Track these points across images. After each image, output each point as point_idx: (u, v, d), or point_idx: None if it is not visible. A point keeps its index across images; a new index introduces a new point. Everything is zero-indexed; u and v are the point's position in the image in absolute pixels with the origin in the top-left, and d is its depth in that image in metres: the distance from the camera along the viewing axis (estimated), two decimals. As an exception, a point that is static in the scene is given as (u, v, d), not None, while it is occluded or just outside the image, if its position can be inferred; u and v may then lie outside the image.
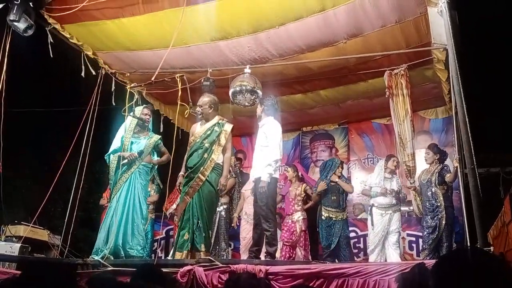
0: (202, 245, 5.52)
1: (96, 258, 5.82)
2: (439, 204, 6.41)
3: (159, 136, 6.49)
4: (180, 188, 5.74)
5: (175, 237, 5.86)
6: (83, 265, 5.86)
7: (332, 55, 6.57)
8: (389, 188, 6.77)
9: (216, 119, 5.87)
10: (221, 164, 5.76)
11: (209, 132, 5.79)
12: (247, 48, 6.55)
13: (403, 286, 2.48)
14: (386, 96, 6.66)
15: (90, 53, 6.86)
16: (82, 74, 6.68)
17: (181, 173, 5.81)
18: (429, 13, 5.51)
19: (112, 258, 5.83)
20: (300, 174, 7.93)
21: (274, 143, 5.67)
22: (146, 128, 6.48)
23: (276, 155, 5.62)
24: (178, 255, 5.56)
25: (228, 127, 5.86)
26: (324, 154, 9.67)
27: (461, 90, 4.99)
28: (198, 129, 5.90)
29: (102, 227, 6.18)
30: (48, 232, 7.21)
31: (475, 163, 4.84)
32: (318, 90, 8.06)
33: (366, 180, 7.25)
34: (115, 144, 6.35)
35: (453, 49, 5.12)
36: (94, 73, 6.82)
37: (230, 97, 6.69)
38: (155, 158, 6.45)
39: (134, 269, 5.29)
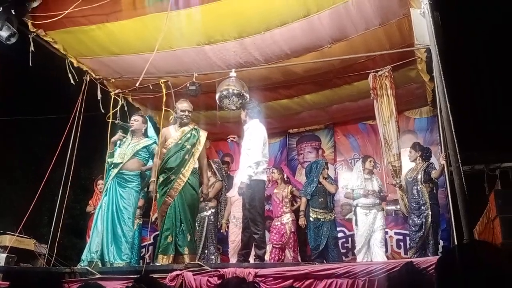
0: (186, 248, 5.58)
1: (83, 266, 5.79)
2: (424, 202, 6.51)
3: (152, 141, 6.45)
4: (154, 193, 5.76)
5: (158, 240, 5.87)
6: (71, 274, 5.83)
7: (317, 59, 6.61)
8: (370, 189, 6.86)
9: (191, 124, 6.09)
10: (197, 168, 5.92)
11: (189, 135, 5.96)
12: (233, 53, 6.55)
13: (392, 285, 2.51)
14: (371, 97, 6.72)
15: (74, 60, 6.81)
16: (71, 81, 6.63)
17: (153, 179, 5.83)
18: (412, 15, 5.57)
19: (100, 266, 5.80)
20: (285, 176, 7.97)
21: (256, 145, 5.70)
22: (139, 134, 6.46)
23: (257, 157, 5.64)
24: (163, 259, 5.57)
25: (204, 134, 6.13)
26: (311, 155, 9.69)
27: (445, 89, 5.05)
28: (173, 133, 6.00)
29: (90, 234, 6.17)
30: (34, 241, 7.12)
31: (460, 161, 4.90)
32: (304, 94, 8.09)
33: (347, 184, 7.32)
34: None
35: (436, 49, 5.18)
36: (77, 80, 6.76)
37: (217, 101, 6.70)
38: (150, 163, 6.41)
39: (121, 276, 5.32)
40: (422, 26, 5.41)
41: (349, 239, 8.12)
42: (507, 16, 9.06)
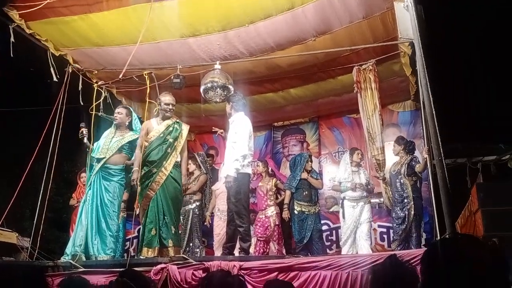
0: (170, 241, 5.60)
1: (67, 259, 5.75)
2: (407, 195, 6.57)
3: (137, 135, 6.34)
4: (137, 183, 5.72)
5: (141, 233, 5.86)
6: (54, 267, 5.79)
7: (302, 53, 6.62)
8: (358, 182, 6.89)
9: (173, 118, 6.10)
10: (179, 161, 5.95)
11: (171, 128, 5.97)
12: (217, 46, 6.53)
13: (376, 278, 2.52)
14: (355, 91, 6.74)
15: (54, 51, 6.71)
16: (53, 73, 6.52)
17: (136, 168, 5.80)
18: (395, 8, 5.59)
19: (84, 259, 5.77)
20: (270, 169, 7.97)
21: (242, 138, 5.69)
22: (123, 127, 6.40)
23: (244, 150, 5.63)
24: (148, 252, 5.57)
25: (186, 127, 6.14)
26: (296, 148, 9.72)
27: (428, 83, 5.09)
28: (156, 126, 5.99)
29: (74, 228, 6.14)
30: (17, 234, 7.05)
31: (442, 154, 4.95)
32: (288, 88, 8.10)
33: (334, 177, 7.34)
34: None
35: (419, 43, 5.22)
36: (59, 72, 6.65)
37: (201, 94, 6.67)
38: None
39: (105, 269, 5.30)
40: (406, 20, 5.45)
41: (333, 232, 8.17)
42: (500, 12, 9.14)
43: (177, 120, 6.12)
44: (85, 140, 6.29)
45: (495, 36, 9.64)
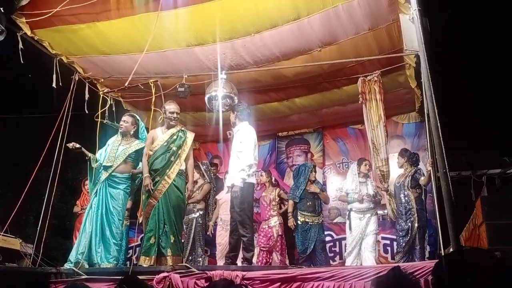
0: (169, 250, 5.57)
1: (70, 266, 5.75)
2: (411, 207, 6.54)
3: (143, 144, 6.33)
4: (151, 188, 5.72)
5: (142, 241, 5.87)
6: (57, 274, 5.78)
7: (307, 63, 6.64)
8: (365, 193, 6.86)
9: (178, 126, 6.08)
10: (185, 171, 5.92)
11: (175, 137, 5.96)
12: (223, 55, 6.54)
13: (379, 290, 2.52)
14: (360, 102, 6.75)
15: (64, 58, 6.76)
16: (54, 81, 6.53)
17: (147, 174, 5.80)
18: (401, 20, 5.61)
19: (87, 267, 5.77)
20: (274, 179, 7.97)
21: (247, 148, 5.71)
22: (129, 136, 6.42)
23: (250, 160, 5.65)
24: (145, 260, 5.56)
25: (191, 135, 6.11)
26: (300, 159, 9.72)
27: (433, 95, 5.09)
28: (160, 135, 6.00)
29: (78, 235, 6.14)
30: (20, 240, 7.06)
31: (447, 167, 4.94)
32: (294, 98, 8.12)
33: (342, 187, 7.30)
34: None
35: (424, 55, 5.23)
36: (65, 79, 6.68)
37: (206, 103, 6.69)
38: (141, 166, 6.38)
39: (108, 277, 5.29)
40: (411, 32, 5.46)
41: (337, 243, 8.15)
42: (500, 12, 9.15)
43: (182, 128, 6.11)
44: (82, 149, 6.29)
45: (497, 39, 9.63)
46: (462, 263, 1.65)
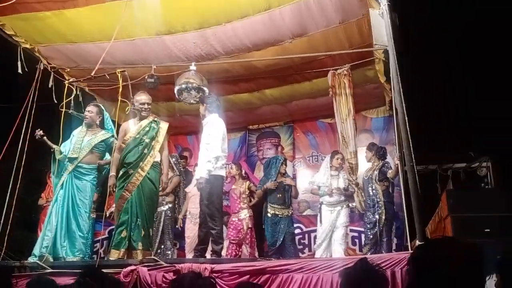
0: (140, 243, 5.48)
1: (34, 260, 5.63)
2: (379, 200, 6.62)
3: (109, 134, 6.31)
4: (114, 189, 5.65)
5: (113, 234, 5.77)
6: (21, 268, 5.65)
7: (278, 54, 6.64)
8: (335, 186, 6.88)
9: (151, 117, 5.94)
10: (160, 162, 5.80)
11: (147, 128, 5.83)
12: (193, 44, 6.48)
13: (346, 281, 2.53)
14: (330, 95, 6.79)
15: (28, 46, 6.56)
16: (19, 68, 6.37)
17: (113, 173, 5.70)
18: (371, 15, 5.64)
19: (52, 260, 5.65)
20: (244, 172, 7.94)
21: (215, 140, 5.69)
22: (94, 126, 6.30)
23: (217, 151, 5.63)
24: (115, 253, 5.49)
25: (165, 125, 5.98)
26: (270, 152, 9.74)
27: (401, 89, 5.15)
28: (132, 127, 5.87)
29: (43, 228, 6.00)
30: (-17, 234, 6.86)
31: (414, 161, 5.01)
32: (264, 89, 8.12)
33: (314, 181, 7.30)
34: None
35: (393, 50, 5.28)
36: (28, 68, 6.50)
37: (175, 95, 6.61)
38: (108, 157, 6.28)
39: (73, 270, 5.19)
40: (381, 27, 5.50)
41: (306, 235, 8.20)
42: (480, 12, 9.32)
43: (155, 119, 5.98)
44: (45, 139, 6.14)
45: (474, 38, 9.82)
46: (435, 253, 1.70)
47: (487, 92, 9.82)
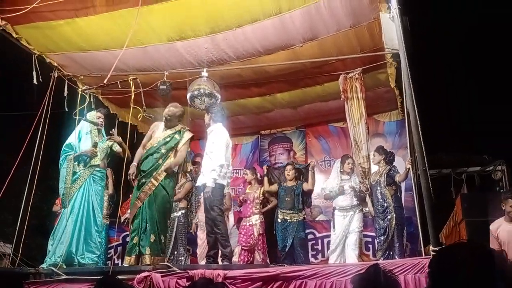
0: (147, 249, 5.45)
1: (49, 266, 5.68)
2: (388, 205, 6.52)
3: (112, 142, 6.52)
4: (133, 177, 5.67)
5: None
6: (36, 274, 5.69)
7: (289, 59, 6.65)
8: (348, 187, 6.83)
9: (178, 127, 5.90)
10: (175, 171, 5.79)
11: (168, 139, 5.80)
12: (204, 49, 6.51)
13: (359, 287, 2.52)
14: (341, 99, 6.77)
15: (43, 55, 6.65)
16: (34, 78, 6.44)
17: (134, 163, 5.72)
18: (381, 19, 5.63)
19: (65, 267, 5.69)
20: (259, 176, 7.90)
21: (218, 148, 5.72)
22: (100, 132, 6.45)
23: (220, 160, 5.66)
24: (126, 260, 5.53)
25: (187, 135, 5.90)
26: (282, 157, 9.74)
27: (413, 93, 5.12)
28: (158, 133, 5.87)
29: (55, 234, 6.05)
30: (-1, 240, 6.95)
31: (426, 165, 4.97)
32: (275, 93, 8.13)
33: (325, 187, 7.23)
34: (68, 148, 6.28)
35: (404, 54, 5.25)
36: (43, 76, 6.58)
37: (188, 101, 6.64)
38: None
39: (88, 277, 5.23)
40: (392, 31, 5.48)
41: (319, 241, 8.14)
42: (483, 16, 9.26)
43: (180, 129, 5.89)
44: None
45: (478, 41, 9.77)
46: (452, 257, 1.73)
47: (503, 96, 9.74)
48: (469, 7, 9.24)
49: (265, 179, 7.40)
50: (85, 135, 6.41)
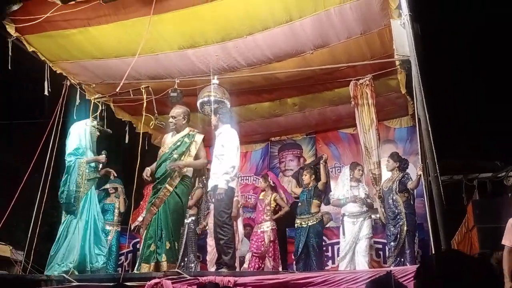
0: (163, 256, 5.42)
1: (60, 273, 5.71)
2: (399, 212, 6.48)
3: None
4: (147, 178, 5.68)
5: (141, 249, 5.80)
6: (47, 281, 5.72)
7: (299, 66, 6.66)
8: (357, 195, 6.83)
9: (186, 130, 5.83)
10: (190, 176, 5.72)
11: (179, 143, 5.74)
12: (215, 57, 6.54)
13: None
14: (352, 105, 6.77)
15: (55, 64, 6.73)
16: (46, 87, 6.51)
17: (150, 167, 5.72)
18: (392, 25, 5.63)
19: (77, 273, 5.72)
20: (272, 182, 7.85)
21: (230, 150, 5.63)
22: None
23: (233, 161, 5.58)
24: (145, 267, 5.47)
25: (199, 137, 5.80)
26: (293, 163, 9.74)
27: (423, 99, 5.11)
28: (168, 140, 5.86)
29: (61, 241, 6.09)
30: (11, 247, 6.99)
31: (438, 171, 4.95)
32: (286, 98, 8.14)
33: (333, 193, 7.22)
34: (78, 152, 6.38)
35: (415, 60, 5.25)
36: (56, 85, 6.67)
37: (198, 107, 6.68)
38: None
39: (99, 284, 5.25)
40: (402, 37, 5.48)
41: (329, 247, 8.12)
42: (490, 16, 9.21)
43: (189, 132, 5.83)
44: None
45: (488, 44, 9.70)
46: (443, 266, 1.69)
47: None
48: (476, 6, 9.19)
49: (294, 181, 7.36)
50: (92, 143, 6.53)
